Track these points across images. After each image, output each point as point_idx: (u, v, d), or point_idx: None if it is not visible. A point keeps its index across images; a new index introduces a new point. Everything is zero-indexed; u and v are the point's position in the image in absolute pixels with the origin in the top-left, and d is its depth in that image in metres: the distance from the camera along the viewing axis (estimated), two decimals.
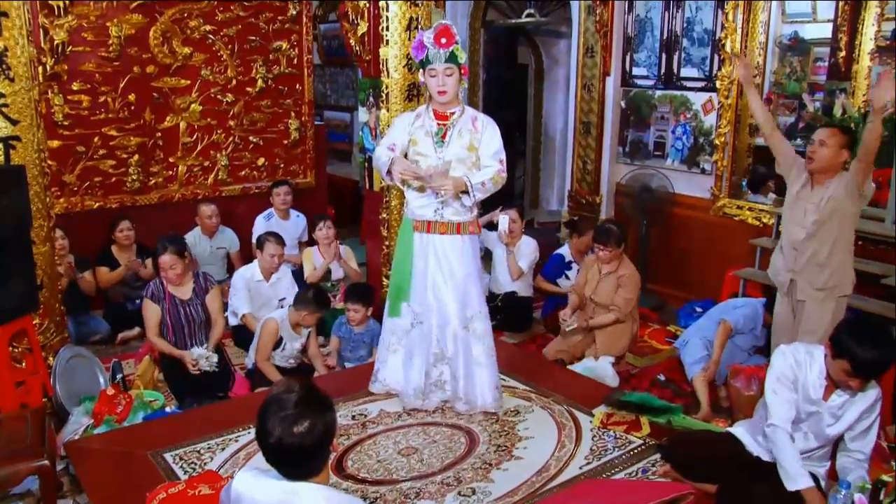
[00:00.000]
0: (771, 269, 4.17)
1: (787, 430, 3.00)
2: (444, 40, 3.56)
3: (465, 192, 3.62)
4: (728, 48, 5.72)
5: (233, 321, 5.18)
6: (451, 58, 3.59)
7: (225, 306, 5.04)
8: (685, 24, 6.13)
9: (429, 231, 3.76)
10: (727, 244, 5.89)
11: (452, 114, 3.71)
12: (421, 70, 3.70)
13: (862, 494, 2.77)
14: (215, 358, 4.45)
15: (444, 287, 3.79)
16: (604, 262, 4.91)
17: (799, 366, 3.04)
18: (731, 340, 4.56)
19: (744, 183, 6.03)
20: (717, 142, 5.96)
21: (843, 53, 5.26)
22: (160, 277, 4.47)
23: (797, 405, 3.04)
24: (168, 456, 3.52)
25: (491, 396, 3.90)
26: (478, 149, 3.70)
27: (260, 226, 6.09)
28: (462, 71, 3.66)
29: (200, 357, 4.39)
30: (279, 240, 5.22)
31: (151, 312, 4.44)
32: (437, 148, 3.69)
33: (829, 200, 3.78)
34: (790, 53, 6.17)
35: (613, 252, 4.85)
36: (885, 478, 2.54)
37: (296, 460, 1.98)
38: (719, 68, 5.87)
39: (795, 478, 2.92)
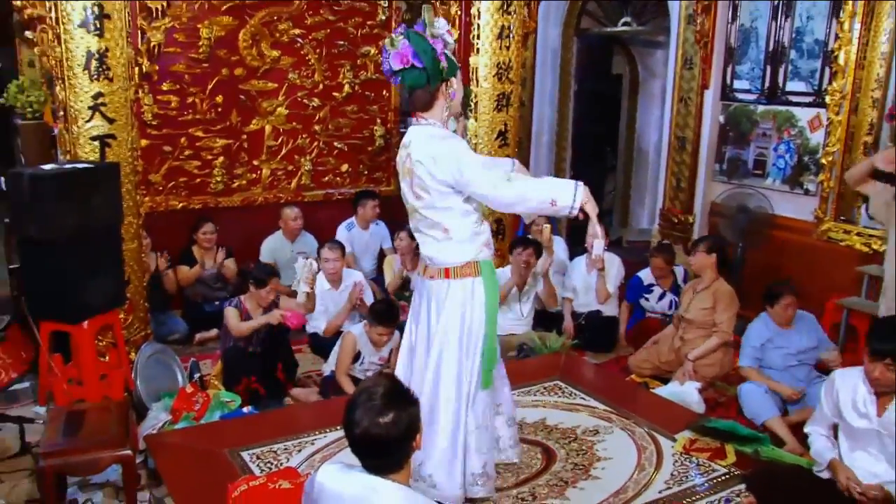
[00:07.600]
0: None
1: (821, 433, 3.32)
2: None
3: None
4: (841, 60, 5.64)
5: (310, 329, 5.43)
6: None
7: None
8: (794, 35, 6.08)
9: (424, 274, 3.30)
10: (831, 271, 5.80)
11: None
12: (449, 79, 3.17)
13: None
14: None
15: (416, 343, 3.35)
16: (693, 267, 5.05)
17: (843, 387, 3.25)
18: (780, 374, 4.50)
19: (864, 208, 5.71)
20: (823, 161, 5.86)
21: None
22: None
23: (853, 423, 3.19)
24: (245, 454, 3.76)
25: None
26: None
27: (342, 236, 6.31)
28: None
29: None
30: (335, 244, 5.48)
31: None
32: None
33: None
34: None
35: (702, 256, 4.96)
36: None
37: (379, 452, 2.14)
38: (830, 82, 5.77)
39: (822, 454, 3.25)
